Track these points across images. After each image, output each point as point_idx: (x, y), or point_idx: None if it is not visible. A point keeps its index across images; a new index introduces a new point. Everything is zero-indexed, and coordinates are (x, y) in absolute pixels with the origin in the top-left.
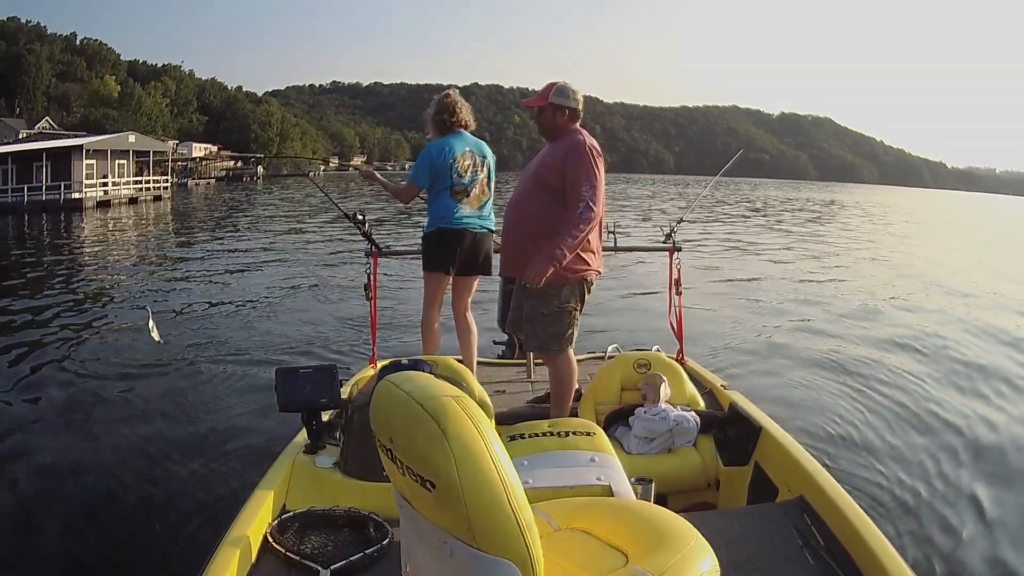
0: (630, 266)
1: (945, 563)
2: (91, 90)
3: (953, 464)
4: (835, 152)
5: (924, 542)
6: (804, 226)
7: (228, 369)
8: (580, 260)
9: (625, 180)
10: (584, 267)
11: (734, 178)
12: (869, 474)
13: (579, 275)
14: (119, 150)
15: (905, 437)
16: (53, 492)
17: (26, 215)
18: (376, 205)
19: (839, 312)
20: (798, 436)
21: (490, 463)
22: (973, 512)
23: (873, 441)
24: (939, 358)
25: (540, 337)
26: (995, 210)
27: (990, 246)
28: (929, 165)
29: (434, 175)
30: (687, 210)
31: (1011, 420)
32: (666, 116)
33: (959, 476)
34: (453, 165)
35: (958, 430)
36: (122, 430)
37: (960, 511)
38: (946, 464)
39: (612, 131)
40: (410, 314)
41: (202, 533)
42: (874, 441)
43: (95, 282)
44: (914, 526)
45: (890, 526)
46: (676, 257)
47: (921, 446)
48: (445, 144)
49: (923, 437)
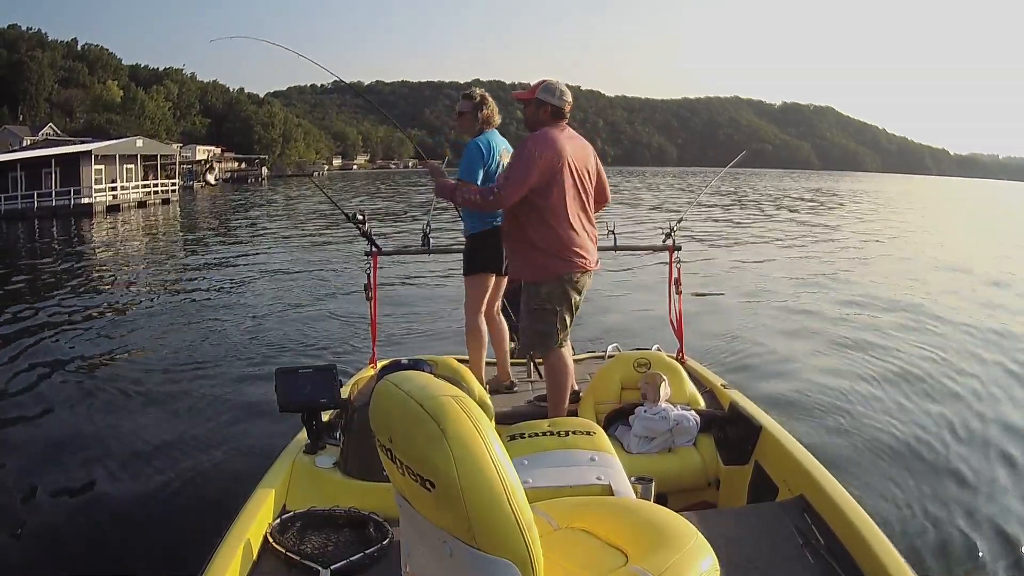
0: (630, 266)
1: (945, 563)
2: (94, 95)
3: (954, 463)
4: (838, 141)
5: (924, 541)
6: (807, 219)
7: (228, 369)
8: (557, 258)
9: (628, 173)
10: (562, 265)
11: (736, 169)
12: (869, 473)
13: (556, 273)
14: (127, 154)
15: (906, 436)
16: (53, 491)
17: (36, 221)
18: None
19: (840, 311)
20: (798, 435)
21: (490, 463)
22: (974, 511)
23: (874, 440)
24: (941, 358)
25: (527, 335)
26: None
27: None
28: (932, 152)
29: (485, 174)
30: (687, 210)
31: (1013, 421)
32: (668, 108)
33: (960, 475)
34: (501, 163)
35: (959, 430)
36: (122, 430)
37: (961, 510)
38: (946, 463)
39: (614, 124)
40: (410, 314)
41: (202, 533)
42: (875, 440)
43: (104, 284)
44: (914, 525)
45: (890, 525)
46: (676, 256)
47: (921, 445)
48: (490, 142)
49: (924, 436)
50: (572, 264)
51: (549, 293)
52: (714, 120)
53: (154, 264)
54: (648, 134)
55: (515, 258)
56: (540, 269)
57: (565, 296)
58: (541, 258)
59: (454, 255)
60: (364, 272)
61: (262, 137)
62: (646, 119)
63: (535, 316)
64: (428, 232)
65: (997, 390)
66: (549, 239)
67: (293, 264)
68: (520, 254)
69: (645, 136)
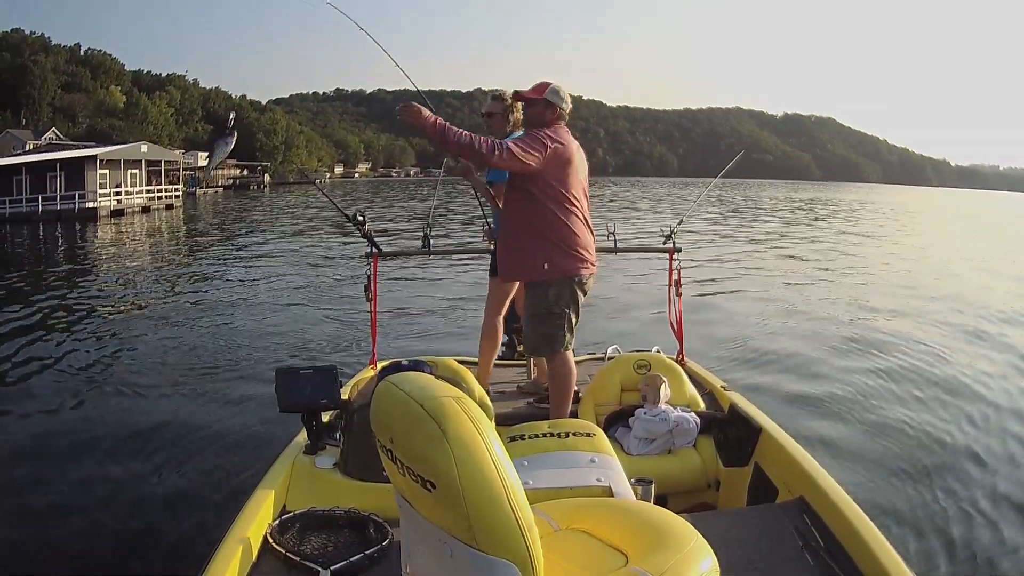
0: (630, 267)
1: (945, 563)
2: (97, 100)
3: (954, 464)
4: (839, 152)
5: (924, 542)
6: (807, 227)
7: (229, 370)
8: (566, 257)
9: (629, 184)
10: (571, 265)
11: (738, 179)
12: (869, 474)
13: (566, 273)
14: (131, 159)
15: (905, 437)
16: (53, 491)
17: (41, 224)
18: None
19: (840, 313)
20: (798, 437)
21: (490, 464)
22: (973, 512)
23: (873, 441)
24: (941, 359)
25: (531, 339)
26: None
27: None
28: (933, 163)
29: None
30: (687, 212)
31: (1012, 422)
32: (669, 119)
33: (960, 476)
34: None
35: (959, 431)
36: (122, 430)
37: (960, 511)
38: (947, 464)
39: (616, 134)
40: (410, 315)
41: (202, 533)
42: (874, 441)
43: (107, 287)
44: (914, 526)
45: (890, 527)
46: (676, 258)
47: (921, 446)
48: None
49: (923, 437)
50: (584, 263)
51: (557, 295)
52: (715, 130)
53: (157, 268)
54: (649, 144)
55: (525, 257)
56: (552, 268)
57: (573, 298)
58: (556, 256)
59: (454, 256)
60: (364, 273)
61: (264, 144)
62: (648, 129)
63: (542, 319)
64: (428, 234)
65: (999, 392)
66: (563, 235)
67: (293, 267)
68: (531, 252)
69: (646, 146)
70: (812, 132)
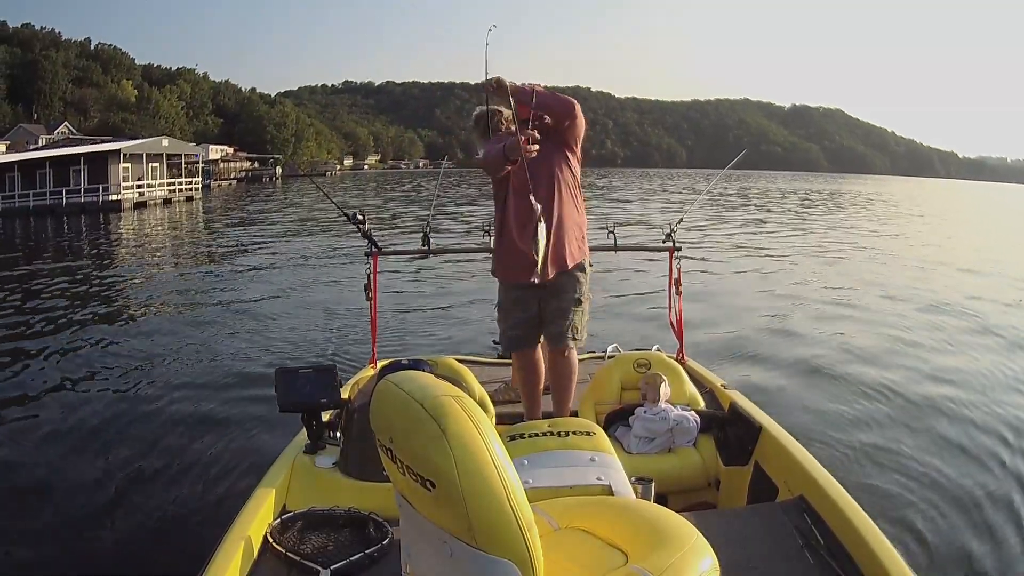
0: (630, 266)
1: (945, 563)
2: (108, 95)
3: (954, 463)
4: (847, 143)
5: (924, 542)
6: (810, 222)
7: (229, 369)
8: (584, 240)
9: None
10: (586, 248)
11: (746, 171)
12: (869, 473)
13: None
14: (153, 153)
15: (905, 436)
16: (53, 491)
17: (65, 217)
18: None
19: (841, 312)
20: (798, 436)
21: (490, 463)
22: (974, 511)
23: (873, 441)
24: (942, 357)
25: (573, 326)
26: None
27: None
28: (940, 155)
29: None
30: (687, 210)
31: (1013, 420)
32: (678, 110)
33: (960, 475)
34: None
35: (959, 429)
36: (120, 429)
37: (961, 510)
38: (947, 463)
39: (625, 126)
40: (410, 314)
41: (202, 533)
42: (874, 441)
43: (108, 279)
44: (914, 525)
45: (890, 526)
46: (676, 257)
47: (921, 445)
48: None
49: (923, 436)
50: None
51: (585, 279)
52: (723, 122)
53: (175, 263)
54: (658, 136)
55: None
56: (580, 252)
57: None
58: (584, 242)
59: (453, 255)
60: (364, 272)
61: (274, 137)
62: (656, 121)
63: (580, 304)
64: (428, 233)
65: (1000, 392)
66: (584, 222)
67: (295, 264)
68: (574, 239)
69: (655, 138)
70: (820, 123)
